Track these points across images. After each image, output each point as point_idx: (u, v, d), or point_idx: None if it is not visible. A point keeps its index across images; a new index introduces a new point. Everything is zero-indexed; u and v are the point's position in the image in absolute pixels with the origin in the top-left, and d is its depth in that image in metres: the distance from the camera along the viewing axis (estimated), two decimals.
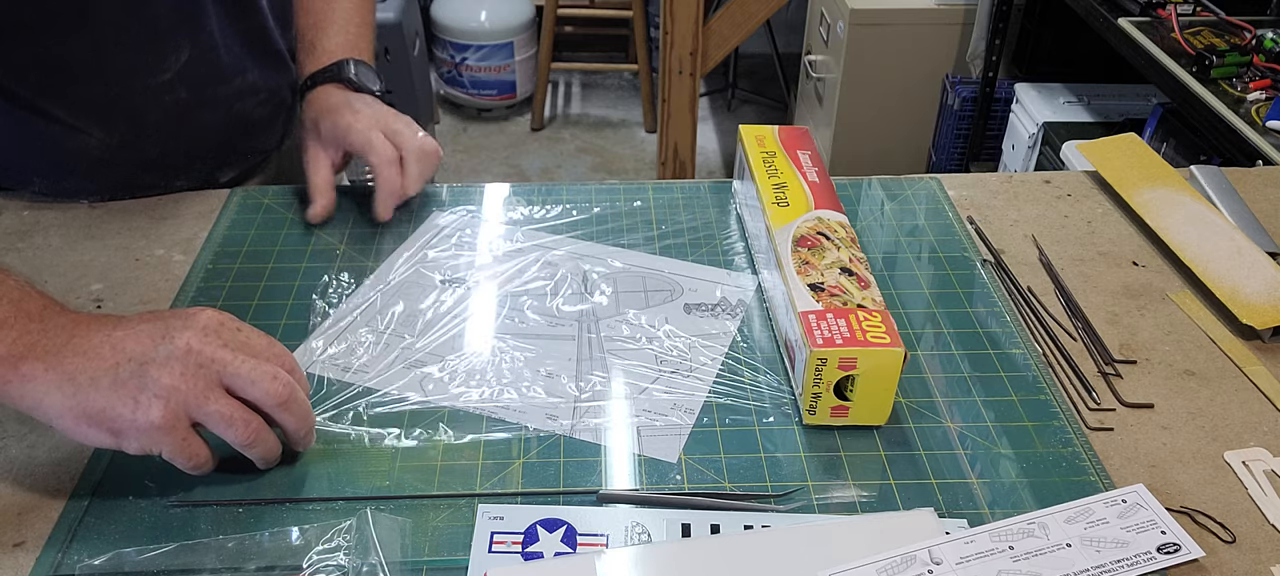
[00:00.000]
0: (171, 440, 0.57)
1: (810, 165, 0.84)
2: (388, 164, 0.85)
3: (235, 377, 0.59)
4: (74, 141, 0.87)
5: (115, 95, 0.86)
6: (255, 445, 0.60)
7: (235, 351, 0.59)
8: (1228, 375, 0.74)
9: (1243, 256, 0.82)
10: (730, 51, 2.46)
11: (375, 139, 0.85)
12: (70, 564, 0.57)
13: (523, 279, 0.82)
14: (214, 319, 0.60)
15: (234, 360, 0.59)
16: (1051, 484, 0.64)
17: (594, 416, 0.69)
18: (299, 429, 0.62)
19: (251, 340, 0.61)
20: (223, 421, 0.58)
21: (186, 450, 0.58)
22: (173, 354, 0.57)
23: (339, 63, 0.90)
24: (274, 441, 0.62)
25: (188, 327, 0.59)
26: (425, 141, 0.87)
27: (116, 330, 0.59)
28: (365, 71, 0.91)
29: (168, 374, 0.57)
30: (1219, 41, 1.68)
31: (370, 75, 0.92)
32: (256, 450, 0.61)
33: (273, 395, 0.60)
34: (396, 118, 0.88)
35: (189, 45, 0.87)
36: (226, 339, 0.60)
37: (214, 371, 0.58)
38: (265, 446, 0.61)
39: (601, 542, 0.59)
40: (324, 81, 0.90)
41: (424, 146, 0.87)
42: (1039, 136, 2.15)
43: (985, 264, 0.85)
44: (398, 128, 0.86)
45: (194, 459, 0.59)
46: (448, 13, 3.06)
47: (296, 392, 0.61)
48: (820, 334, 0.66)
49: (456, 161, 3.05)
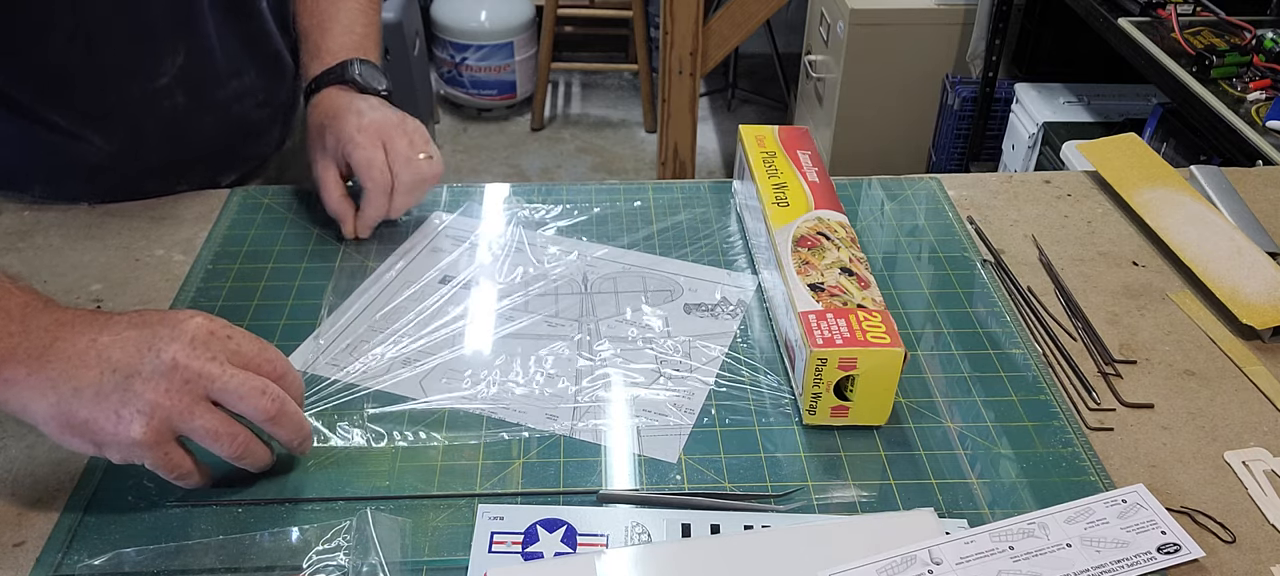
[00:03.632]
0: (154, 455, 0.57)
1: (810, 165, 0.84)
2: (380, 192, 0.83)
3: (222, 393, 0.57)
4: (74, 148, 0.87)
5: (113, 101, 0.86)
6: (244, 458, 0.59)
7: (223, 365, 0.57)
8: (1228, 375, 0.74)
9: (1243, 256, 0.82)
10: (730, 51, 2.46)
11: (375, 161, 0.82)
12: (70, 564, 0.57)
13: (523, 279, 0.82)
14: (203, 328, 0.58)
15: (222, 375, 0.57)
16: (1051, 484, 0.64)
17: (594, 416, 0.69)
18: (292, 440, 0.61)
19: (242, 348, 0.59)
20: (209, 437, 0.57)
21: (169, 464, 0.58)
22: (158, 369, 0.56)
23: (344, 63, 0.89)
24: (264, 452, 0.61)
25: (175, 340, 0.57)
26: (422, 167, 0.84)
27: (102, 334, 0.57)
28: (370, 71, 0.89)
29: (152, 389, 0.55)
30: (1219, 41, 1.68)
31: (376, 75, 0.89)
32: (246, 462, 0.60)
33: (261, 411, 0.58)
34: (400, 128, 0.85)
35: (185, 49, 0.86)
36: (215, 351, 0.58)
37: (201, 387, 0.57)
38: (255, 458, 0.60)
39: (601, 542, 0.59)
40: (329, 83, 0.88)
41: (419, 174, 0.84)
42: (1039, 136, 2.15)
43: (985, 264, 0.85)
44: (399, 147, 0.84)
45: (176, 472, 0.58)
46: (448, 13, 3.06)
47: (286, 406, 0.59)
48: (820, 334, 0.66)
49: (456, 161, 3.05)
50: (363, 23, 0.94)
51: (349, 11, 0.93)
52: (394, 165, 0.83)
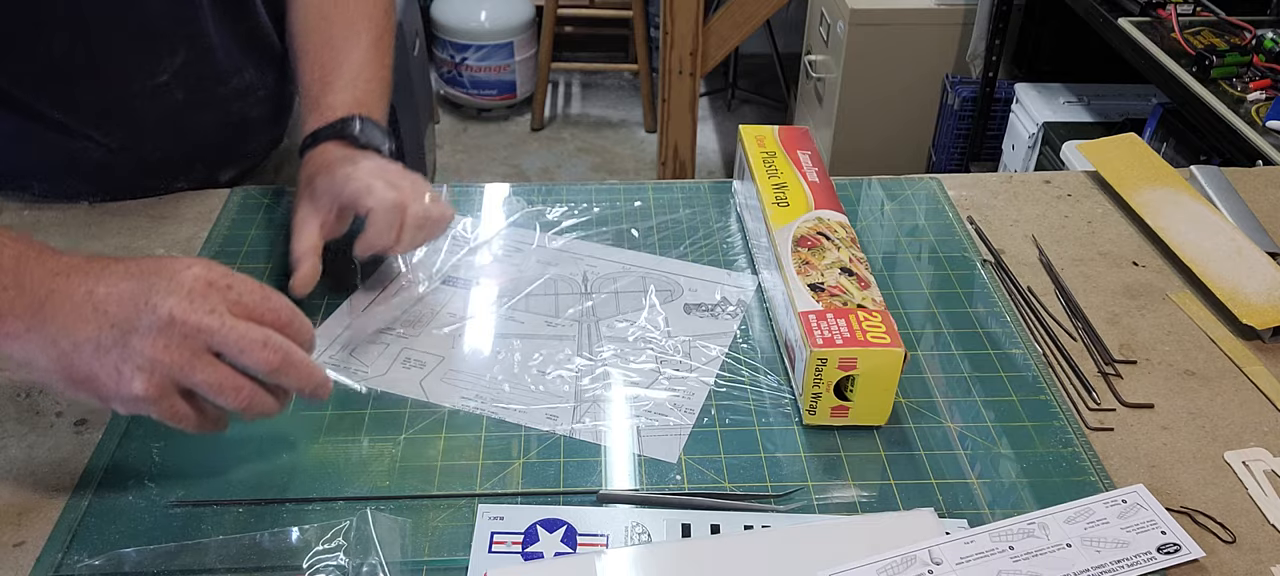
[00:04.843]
0: (158, 409, 0.56)
1: (810, 165, 0.84)
2: (388, 208, 0.73)
3: (222, 347, 0.56)
4: (73, 145, 0.87)
5: (112, 99, 0.86)
6: (251, 409, 0.58)
7: (222, 317, 0.56)
8: (1228, 375, 0.74)
9: (1243, 256, 0.82)
10: (730, 51, 2.47)
11: (376, 183, 0.74)
12: (70, 564, 0.57)
13: (522, 278, 0.82)
14: (201, 278, 0.57)
15: (221, 328, 0.55)
16: (1051, 484, 0.64)
17: (594, 416, 0.69)
18: (302, 388, 0.59)
19: (244, 296, 0.57)
20: (212, 391, 0.56)
21: (175, 416, 0.57)
22: (155, 324, 0.55)
23: (343, 120, 0.80)
24: (271, 402, 0.59)
25: (172, 292, 0.55)
26: (433, 208, 0.76)
27: (98, 285, 0.56)
28: (372, 129, 0.80)
29: (150, 346, 0.54)
30: (1219, 41, 1.68)
31: (377, 134, 0.81)
32: (255, 413, 0.58)
33: (264, 364, 0.57)
34: (404, 174, 0.77)
35: (185, 47, 0.86)
36: (213, 303, 0.56)
37: (200, 340, 0.55)
38: (263, 408, 0.58)
39: (601, 542, 0.59)
40: (326, 138, 0.80)
41: (430, 213, 0.75)
42: (1039, 136, 2.15)
43: (985, 264, 0.85)
44: (409, 186, 0.76)
45: (183, 423, 0.57)
46: (448, 13, 3.06)
47: (291, 356, 0.58)
48: (820, 334, 0.66)
49: (456, 161, 3.05)
50: (368, 78, 0.85)
51: (354, 66, 0.85)
52: (405, 198, 0.75)
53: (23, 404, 0.68)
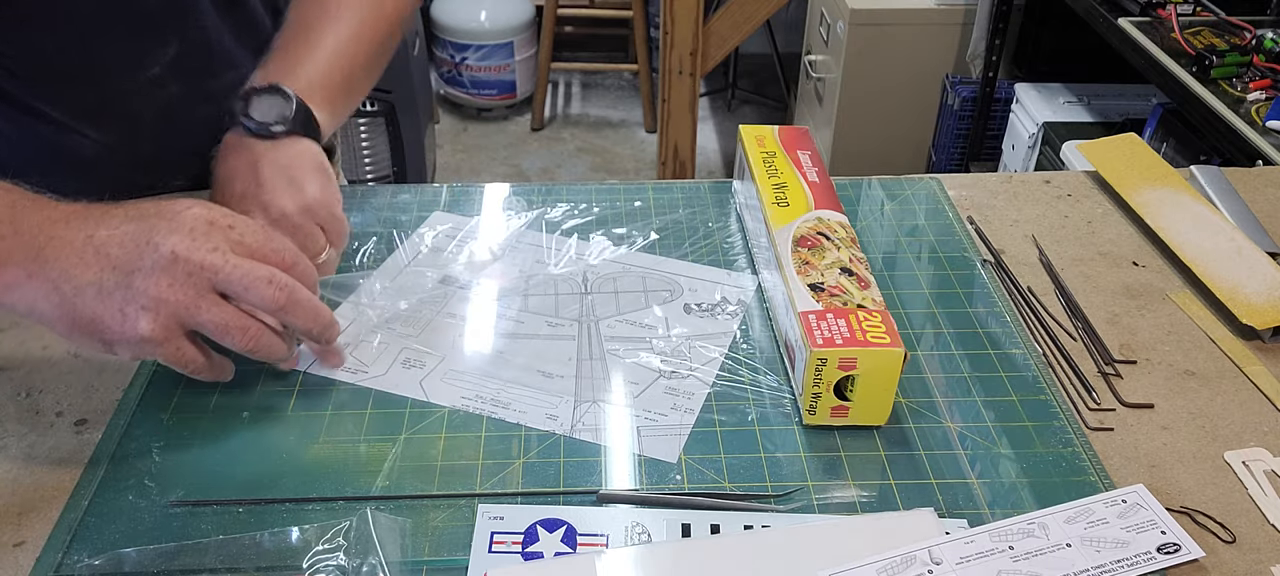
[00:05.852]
0: (164, 351, 0.55)
1: (810, 165, 0.84)
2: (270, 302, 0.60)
3: (227, 284, 0.55)
4: (67, 141, 0.86)
5: (107, 93, 0.85)
6: (258, 351, 0.57)
7: (226, 254, 0.55)
8: (1228, 375, 0.74)
9: (1243, 256, 0.82)
10: (730, 51, 2.47)
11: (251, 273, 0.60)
12: (70, 564, 0.57)
13: (522, 278, 0.82)
14: (202, 217, 0.55)
15: (225, 265, 0.54)
16: (1051, 484, 0.64)
17: (594, 416, 0.69)
18: (310, 329, 0.58)
19: (246, 236, 0.56)
20: (218, 330, 0.55)
21: (181, 359, 0.56)
22: (158, 263, 0.54)
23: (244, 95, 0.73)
24: (278, 344, 0.58)
25: (174, 232, 0.54)
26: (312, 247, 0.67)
27: (99, 229, 0.55)
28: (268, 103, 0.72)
29: (154, 285, 0.53)
30: (1219, 41, 1.68)
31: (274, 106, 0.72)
32: (261, 355, 0.57)
33: (269, 301, 0.55)
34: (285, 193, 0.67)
35: (179, 39, 0.86)
36: (216, 241, 0.55)
37: (204, 279, 0.54)
38: (270, 350, 0.57)
39: (601, 542, 0.59)
40: (229, 126, 0.74)
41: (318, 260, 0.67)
42: (1039, 136, 2.15)
43: (985, 264, 0.85)
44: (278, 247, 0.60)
45: (191, 367, 0.56)
46: (448, 13, 3.06)
47: (296, 294, 0.56)
48: (820, 334, 0.66)
49: (456, 161, 3.05)
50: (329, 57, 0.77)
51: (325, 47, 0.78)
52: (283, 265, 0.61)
53: (23, 404, 0.68)
